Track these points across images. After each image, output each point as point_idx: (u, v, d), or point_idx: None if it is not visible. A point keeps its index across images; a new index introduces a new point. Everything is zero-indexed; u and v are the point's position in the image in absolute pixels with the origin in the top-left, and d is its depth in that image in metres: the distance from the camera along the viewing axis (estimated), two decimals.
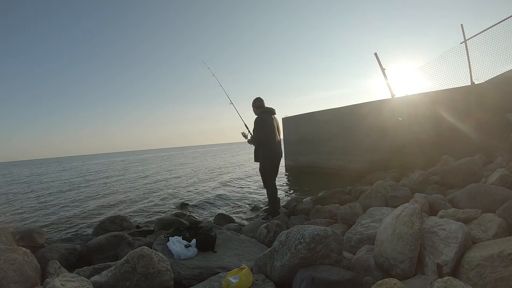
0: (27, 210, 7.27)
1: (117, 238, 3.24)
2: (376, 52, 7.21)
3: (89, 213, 6.38)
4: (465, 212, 2.19)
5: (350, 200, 3.98)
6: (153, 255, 1.92)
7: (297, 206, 4.46)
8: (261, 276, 1.83)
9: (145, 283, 1.82)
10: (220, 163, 19.94)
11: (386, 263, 1.65)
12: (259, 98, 4.08)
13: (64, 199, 8.67)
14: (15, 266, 1.99)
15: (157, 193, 8.60)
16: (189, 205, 6.45)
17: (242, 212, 5.60)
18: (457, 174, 3.45)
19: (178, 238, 2.60)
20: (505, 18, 5.35)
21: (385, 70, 7.16)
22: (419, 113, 6.08)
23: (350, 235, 2.38)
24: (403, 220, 1.67)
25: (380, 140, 6.77)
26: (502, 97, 4.99)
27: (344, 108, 8.16)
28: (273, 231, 3.14)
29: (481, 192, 2.51)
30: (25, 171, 29.28)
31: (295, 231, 1.80)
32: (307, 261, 1.65)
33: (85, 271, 2.23)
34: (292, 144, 10.59)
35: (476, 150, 4.80)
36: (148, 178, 13.50)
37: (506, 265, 1.33)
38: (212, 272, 2.13)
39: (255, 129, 3.96)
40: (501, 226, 1.83)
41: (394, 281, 1.24)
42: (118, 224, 4.25)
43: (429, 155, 5.52)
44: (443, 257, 1.54)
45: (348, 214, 3.09)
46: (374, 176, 5.78)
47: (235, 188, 8.56)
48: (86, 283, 1.75)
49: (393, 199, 3.28)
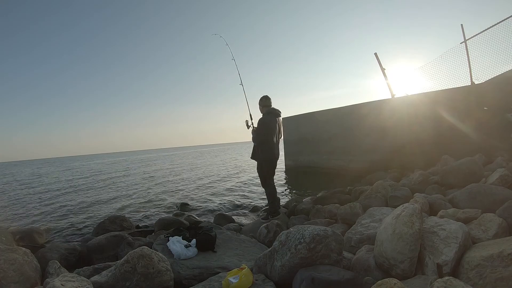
0: (27, 210, 7.27)
1: (117, 238, 3.25)
2: (376, 52, 7.22)
3: (89, 213, 6.38)
4: (465, 212, 2.19)
5: (350, 200, 3.99)
6: (153, 255, 1.92)
7: (297, 206, 4.47)
8: (261, 276, 1.83)
9: (145, 283, 1.82)
10: (221, 163, 19.95)
11: (386, 263, 1.65)
12: (266, 96, 4.10)
13: (64, 199, 8.67)
14: (15, 266, 1.99)
15: (157, 193, 8.60)
16: (189, 205, 6.45)
17: (242, 212, 5.60)
18: (457, 174, 3.45)
19: (178, 238, 2.60)
20: (505, 18, 5.35)
21: (385, 70, 7.16)
22: (419, 113, 6.08)
23: (350, 235, 2.38)
24: (403, 220, 1.67)
25: (380, 140, 6.77)
26: (502, 97, 4.99)
27: (344, 108, 8.16)
28: (273, 231, 3.14)
29: (481, 192, 2.51)
30: (27, 171, 29.27)
31: (295, 231, 1.80)
32: (307, 261, 1.65)
33: (85, 271, 2.23)
34: (292, 144, 10.58)
35: (476, 150, 4.80)
36: (148, 178, 13.50)
37: (506, 265, 1.33)
38: (212, 272, 2.13)
39: (257, 129, 4.02)
40: (501, 226, 1.83)
41: (394, 281, 1.24)
42: (118, 224, 4.25)
43: (429, 155, 5.53)
44: (443, 257, 1.54)
45: (348, 214, 3.09)
46: (374, 176, 5.78)
47: (235, 188, 8.56)
48: (86, 283, 1.75)
49: (393, 199, 3.28)
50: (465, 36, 6.11)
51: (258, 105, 4.14)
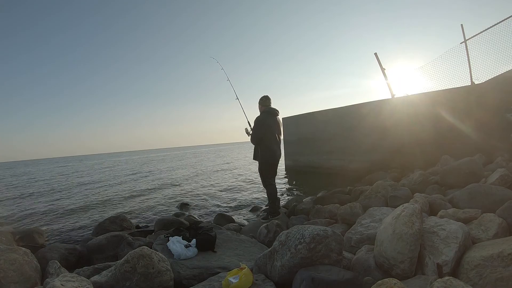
0: (27, 210, 7.27)
1: (117, 238, 3.25)
2: (376, 52, 7.22)
3: (89, 213, 6.38)
4: (465, 212, 2.19)
5: (350, 200, 3.99)
6: (153, 255, 1.92)
7: (297, 206, 4.46)
8: (261, 276, 1.83)
9: (145, 283, 1.82)
10: (221, 163, 19.95)
11: (386, 263, 1.65)
12: (266, 96, 4.13)
13: (64, 199, 8.67)
14: (15, 266, 1.99)
15: (157, 193, 8.60)
16: (189, 205, 6.45)
17: (242, 212, 5.60)
18: (457, 174, 3.45)
19: (178, 238, 2.60)
20: (505, 18, 5.35)
21: (385, 70, 7.16)
22: (419, 113, 6.08)
23: (350, 235, 2.38)
24: (403, 220, 1.67)
25: (380, 140, 6.77)
26: (502, 97, 4.99)
27: (344, 108, 8.15)
28: (273, 231, 3.14)
29: (481, 192, 2.51)
30: (26, 170, 29.29)
31: (295, 231, 1.79)
32: (307, 261, 1.65)
33: (85, 271, 2.23)
34: (292, 144, 10.58)
35: (476, 150, 4.80)
36: (148, 178, 13.49)
37: (506, 265, 1.33)
38: (212, 272, 2.13)
39: (254, 128, 4.04)
40: (501, 226, 1.83)
41: (394, 281, 1.24)
42: (118, 224, 4.25)
43: (429, 155, 5.52)
44: (443, 257, 1.54)
45: (348, 214, 3.10)
46: (374, 176, 5.78)
47: (236, 188, 8.56)
48: (86, 283, 1.75)
49: (393, 199, 3.28)
50: (465, 36, 6.11)
51: (258, 105, 4.15)
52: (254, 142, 4.05)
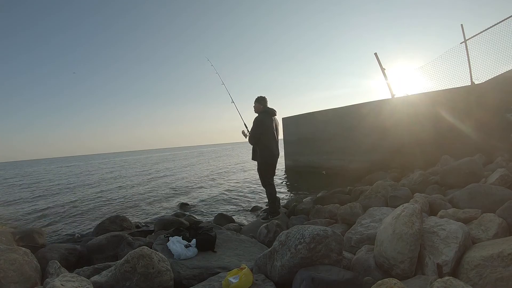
0: (27, 210, 7.27)
1: (117, 238, 3.24)
2: (376, 52, 7.22)
3: (89, 213, 6.38)
4: (465, 212, 2.19)
5: (350, 200, 3.98)
6: (153, 255, 1.92)
7: (297, 206, 4.46)
8: (261, 276, 1.83)
9: (145, 283, 1.82)
10: (221, 163, 19.93)
11: (386, 263, 1.65)
12: (263, 97, 4.13)
13: (64, 199, 8.67)
14: (15, 266, 1.99)
15: (157, 193, 8.60)
16: (189, 205, 6.45)
17: (242, 212, 5.59)
18: (457, 174, 3.45)
19: (178, 238, 2.60)
20: (505, 18, 5.35)
21: (385, 70, 7.16)
22: (419, 113, 6.08)
23: (350, 235, 2.37)
24: (403, 220, 1.67)
25: (380, 140, 6.77)
26: (502, 97, 4.99)
27: (344, 108, 8.15)
28: (273, 231, 3.14)
29: (481, 192, 2.51)
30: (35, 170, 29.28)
31: (295, 231, 1.79)
32: (307, 261, 1.65)
33: (85, 271, 2.23)
34: (292, 144, 10.58)
35: (476, 150, 4.80)
36: (148, 178, 13.49)
37: (506, 265, 1.33)
38: (212, 272, 2.13)
39: (252, 128, 4.04)
40: (501, 226, 1.83)
41: (394, 281, 1.24)
42: (118, 224, 4.25)
43: (429, 155, 5.52)
44: (443, 257, 1.54)
45: (348, 214, 3.09)
46: (374, 176, 5.78)
47: (235, 188, 8.55)
48: (86, 283, 1.75)
49: (393, 199, 3.28)
50: (465, 36, 6.11)
51: (254, 105, 4.13)
52: (252, 142, 4.06)
